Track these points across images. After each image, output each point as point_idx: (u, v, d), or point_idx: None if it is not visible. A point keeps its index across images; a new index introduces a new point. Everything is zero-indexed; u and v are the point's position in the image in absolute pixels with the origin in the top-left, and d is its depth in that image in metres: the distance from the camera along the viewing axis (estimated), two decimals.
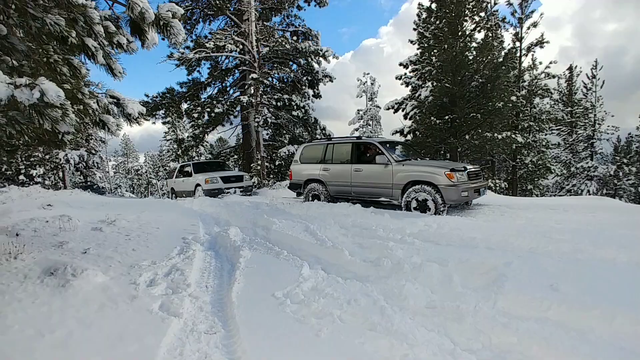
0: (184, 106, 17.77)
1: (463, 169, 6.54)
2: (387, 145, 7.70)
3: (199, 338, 2.42)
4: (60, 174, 21.09)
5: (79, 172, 22.94)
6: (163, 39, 3.33)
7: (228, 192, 12.18)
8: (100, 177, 25.39)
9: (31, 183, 19.03)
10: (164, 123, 19.14)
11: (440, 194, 6.33)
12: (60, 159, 19.64)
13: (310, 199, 8.78)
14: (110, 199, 13.46)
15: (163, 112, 17.51)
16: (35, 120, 2.23)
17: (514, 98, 14.78)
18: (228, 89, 18.72)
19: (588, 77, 24.12)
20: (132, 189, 42.70)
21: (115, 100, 3.73)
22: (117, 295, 3.01)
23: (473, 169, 6.95)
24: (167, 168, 35.11)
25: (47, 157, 20.06)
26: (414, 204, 6.66)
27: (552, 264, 3.21)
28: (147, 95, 16.78)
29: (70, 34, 2.55)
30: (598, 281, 2.82)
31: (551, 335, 2.24)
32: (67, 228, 5.30)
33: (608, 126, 23.52)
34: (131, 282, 3.28)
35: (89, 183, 23.22)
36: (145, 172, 39.93)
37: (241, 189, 12.65)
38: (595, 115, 23.41)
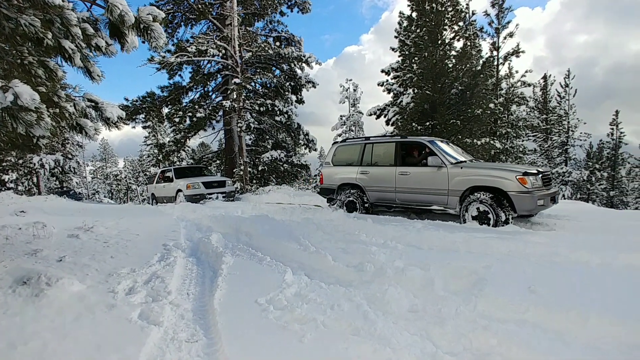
0: (165, 110, 17.50)
1: (537, 172, 5.63)
2: (436, 144, 6.65)
3: (180, 347, 2.37)
4: (35, 179, 20.38)
5: (54, 178, 22.23)
6: (144, 42, 3.28)
7: (210, 198, 11.99)
8: (77, 182, 24.69)
9: (3, 189, 18.30)
10: (144, 127, 18.77)
11: (511, 203, 5.42)
12: (35, 164, 18.99)
13: (345, 206, 7.73)
14: (88, 205, 13.10)
15: (143, 116, 17.20)
16: (9, 123, 2.15)
17: (492, 105, 15.20)
18: (210, 93, 18.56)
19: (561, 86, 25.06)
20: (110, 195, 41.62)
21: (93, 103, 3.65)
22: (95, 304, 2.92)
23: (546, 172, 6.01)
24: (148, 173, 34.44)
25: (21, 161, 19.36)
26: (474, 213, 5.73)
27: (530, 267, 3.29)
28: (127, 99, 16.49)
29: (46, 36, 2.48)
30: (573, 283, 2.92)
31: (530, 337, 2.30)
32: (42, 235, 5.11)
33: (581, 133, 24.45)
34: (109, 291, 3.19)
35: (65, 189, 22.52)
36: (125, 177, 39.06)
37: (224, 195, 12.48)
38: (568, 122, 24.28)
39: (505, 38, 17.81)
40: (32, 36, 2.49)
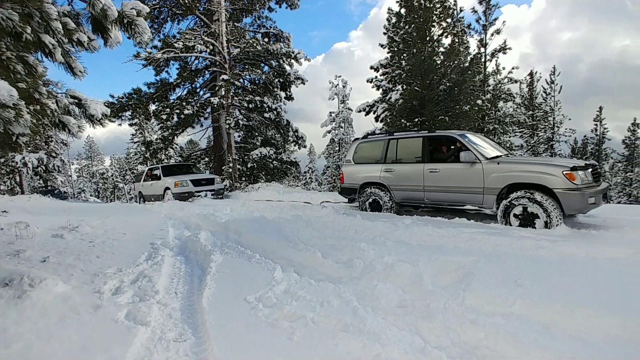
0: (152, 107, 17.25)
1: (585, 166, 5.08)
2: (468, 138, 6.14)
3: (168, 346, 2.34)
4: (17, 178, 19.91)
5: (38, 176, 21.76)
6: (129, 38, 3.21)
7: (199, 196, 11.88)
8: (62, 181, 24.21)
9: None
10: (130, 125, 18.54)
11: (558, 202, 4.85)
12: (17, 163, 18.55)
13: (368, 206, 7.32)
14: (73, 204, 12.88)
15: (130, 113, 16.93)
16: None
17: (479, 102, 15.37)
18: (198, 90, 18.35)
19: (547, 83, 25.45)
20: (97, 194, 40.92)
21: (76, 100, 3.56)
22: (80, 305, 2.86)
23: (595, 165, 5.46)
24: (135, 171, 33.95)
25: (2, 160, 18.89)
26: (516, 213, 5.17)
27: (516, 261, 3.34)
28: (112, 96, 16.18)
29: (25, 30, 2.40)
30: (558, 276, 2.97)
31: (516, 330, 2.33)
32: (25, 236, 4.99)
33: (566, 129, 24.89)
34: (95, 291, 3.13)
35: (49, 188, 22.07)
36: (112, 175, 38.43)
37: (212, 192, 12.37)
38: (554, 118, 24.70)
39: (492, 35, 18.00)
40: (10, 30, 2.41)
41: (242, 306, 2.84)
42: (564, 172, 4.82)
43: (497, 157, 5.84)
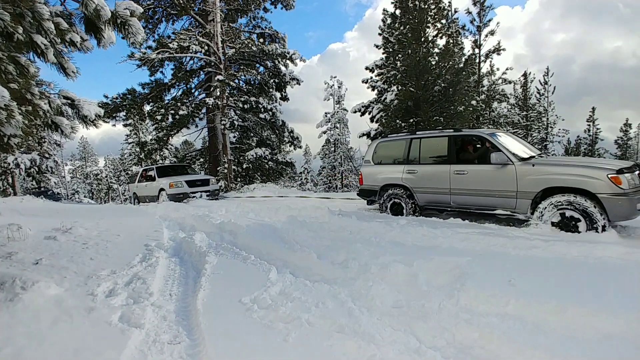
0: (147, 108, 17.16)
1: (632, 167, 4.70)
2: (498, 137, 5.72)
3: (162, 349, 2.32)
4: (10, 179, 19.70)
5: (31, 178, 21.53)
6: (123, 38, 3.19)
7: (194, 197, 11.78)
8: (55, 182, 23.99)
9: None
10: (125, 125, 18.37)
11: (602, 208, 4.43)
12: (9, 164, 18.35)
13: (388, 209, 6.98)
14: (67, 205, 12.78)
15: (124, 114, 16.82)
16: None
17: (474, 102, 15.44)
18: (193, 90, 18.29)
19: (541, 84, 25.66)
20: (91, 195, 40.60)
21: (69, 101, 3.53)
22: (73, 307, 2.84)
23: None
24: (129, 172, 33.74)
25: None
26: (556, 219, 4.76)
27: (510, 261, 3.36)
28: (106, 97, 16.08)
29: (17, 30, 2.38)
30: (551, 276, 2.99)
31: (510, 329, 2.34)
32: (17, 238, 4.94)
33: (559, 129, 25.12)
34: (88, 293, 3.11)
35: (42, 189, 21.85)
36: (106, 176, 38.16)
37: (207, 193, 12.27)
38: (547, 119, 24.91)
39: (486, 36, 18.09)
40: (1, 31, 2.39)
41: (237, 308, 2.83)
42: (609, 176, 4.41)
43: (531, 157, 5.50)
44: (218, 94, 15.27)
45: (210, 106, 15.74)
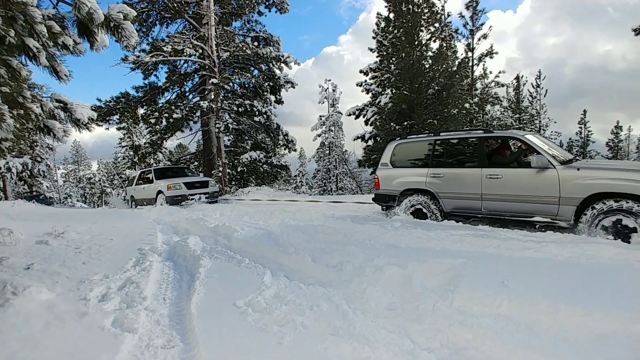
0: (141, 111, 17.05)
1: None
2: (531, 139, 5.40)
3: (156, 353, 2.31)
4: (1, 183, 19.46)
5: (22, 182, 21.29)
6: (116, 42, 3.19)
7: (192, 199, 11.57)
8: (47, 186, 23.76)
9: None
10: (118, 129, 18.24)
11: None
12: (1, 168, 18.13)
13: (411, 216, 6.39)
14: (59, 209, 12.66)
15: (117, 117, 16.71)
16: None
17: (467, 105, 15.57)
18: (187, 94, 18.21)
19: (533, 87, 25.93)
20: (84, 199, 40.22)
21: (62, 104, 3.51)
22: (65, 312, 2.81)
23: None
24: (123, 176, 33.51)
25: None
26: (605, 224, 4.45)
27: (503, 262, 3.38)
28: (99, 100, 15.96)
29: (9, 33, 2.36)
30: (544, 277, 3.01)
31: (503, 330, 2.36)
32: (8, 242, 4.89)
33: (552, 132, 25.42)
34: (81, 298, 3.08)
35: (34, 193, 21.62)
36: (99, 180, 37.82)
37: (206, 195, 12.03)
38: (540, 121, 25.17)
39: (479, 40, 18.28)
40: None
41: (232, 311, 2.82)
42: None
43: (572, 160, 5.26)
44: (212, 97, 15.24)
45: (205, 109, 15.69)
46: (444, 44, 15.41)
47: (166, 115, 16.00)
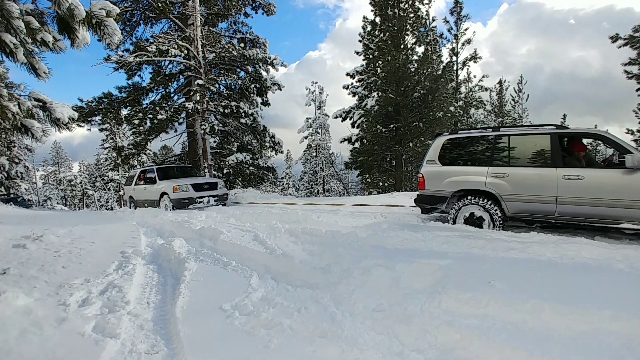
0: (124, 112, 16.71)
1: None
2: (611, 137, 4.97)
3: (139, 359, 2.24)
4: None
5: None
6: (99, 40, 3.10)
7: (201, 202, 10.65)
8: (26, 188, 23.06)
9: None
10: (101, 130, 17.86)
11: None
12: None
13: (462, 221, 5.74)
14: (38, 212, 12.29)
15: (100, 118, 16.33)
16: None
17: (452, 108, 15.81)
18: (172, 95, 17.94)
19: (515, 91, 26.53)
20: (64, 201, 39.20)
21: (41, 103, 3.41)
22: (43, 318, 2.71)
23: None
24: (105, 178, 32.75)
25: None
26: None
27: (489, 263, 3.42)
28: (81, 100, 15.56)
29: None
30: (528, 277, 3.06)
31: (490, 330, 2.38)
32: None
33: None
34: (60, 303, 2.97)
35: (11, 195, 20.94)
36: (80, 182, 36.93)
37: (215, 198, 11.07)
38: (522, 125, 25.71)
39: (463, 44, 18.63)
40: None
41: (218, 315, 2.76)
42: None
43: None
44: (198, 98, 15.05)
45: (190, 110, 15.47)
46: (429, 48, 15.63)
47: (150, 116, 15.70)
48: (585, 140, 5.64)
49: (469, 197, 5.68)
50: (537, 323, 2.44)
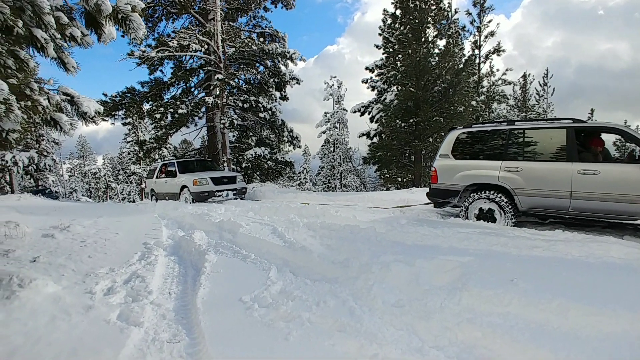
0: (146, 106, 17.06)
1: None
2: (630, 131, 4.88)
3: (162, 348, 2.30)
4: (7, 177, 19.61)
5: (28, 176, 21.45)
6: (123, 36, 3.18)
7: (220, 195, 10.78)
8: (53, 180, 23.95)
9: None
10: (124, 124, 18.37)
11: None
12: (7, 161, 18.27)
13: (473, 215, 5.71)
14: (65, 203, 12.71)
15: (123, 112, 16.74)
16: None
17: (474, 103, 15.45)
18: (192, 89, 18.20)
19: (540, 85, 25.68)
20: (89, 194, 40.50)
21: (69, 97, 3.50)
22: (71, 305, 2.81)
23: None
24: (128, 171, 33.65)
25: None
26: None
27: (512, 260, 3.34)
28: (105, 95, 15.97)
29: (16, 24, 2.34)
30: (553, 276, 2.97)
31: (513, 329, 2.33)
32: (14, 235, 4.90)
33: None
34: (86, 291, 3.08)
35: (40, 187, 21.79)
36: (104, 175, 38.05)
37: (234, 192, 11.20)
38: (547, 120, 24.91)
39: (486, 37, 18.14)
40: (1, 24, 2.36)
41: (237, 306, 2.80)
42: None
43: None
44: (218, 93, 15.21)
45: (210, 105, 15.67)
46: (451, 41, 15.29)
47: (171, 110, 15.98)
48: (607, 135, 5.44)
49: (482, 192, 5.64)
50: (562, 323, 2.37)
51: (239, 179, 11.83)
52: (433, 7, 14.62)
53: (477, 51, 18.29)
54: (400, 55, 15.19)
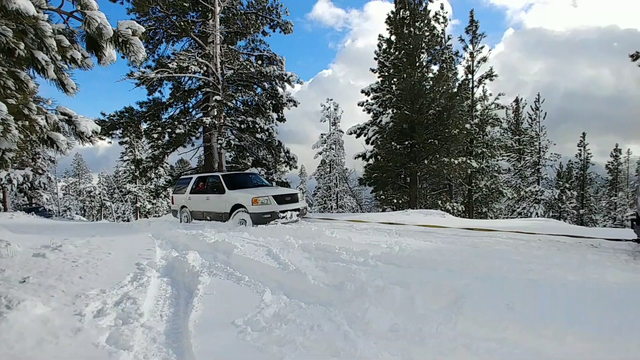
0: (144, 126, 17.15)
1: None
2: None
3: None
4: (1, 195, 19.43)
5: (22, 194, 21.28)
6: (123, 57, 3.23)
7: (284, 217, 8.75)
8: (47, 198, 23.73)
9: None
10: (121, 143, 18.36)
11: None
12: (2, 179, 18.14)
13: None
14: (58, 222, 12.58)
15: (121, 131, 16.79)
16: None
17: (468, 126, 15.70)
18: (190, 110, 18.36)
19: (532, 109, 26.18)
20: (83, 212, 40.09)
21: (66, 117, 3.53)
22: (59, 328, 2.74)
23: None
24: (123, 190, 33.43)
25: None
26: None
27: (508, 284, 3.32)
28: (103, 114, 16.07)
29: (18, 46, 2.39)
30: (549, 300, 2.95)
31: (509, 355, 2.30)
32: (4, 254, 4.82)
33: (551, 153, 25.46)
34: (76, 313, 3.01)
35: (33, 205, 21.57)
36: (99, 193, 37.78)
37: (297, 212, 9.27)
38: (539, 143, 25.27)
39: (479, 62, 18.58)
40: (2, 46, 2.40)
41: (230, 330, 2.75)
42: None
43: None
44: (215, 113, 15.37)
45: (208, 125, 15.78)
46: (445, 66, 15.68)
47: (169, 130, 16.07)
48: None
49: None
50: (559, 349, 2.35)
51: (301, 197, 10.00)
52: (427, 34, 15.05)
53: (470, 76, 18.70)
54: (395, 79, 15.52)
